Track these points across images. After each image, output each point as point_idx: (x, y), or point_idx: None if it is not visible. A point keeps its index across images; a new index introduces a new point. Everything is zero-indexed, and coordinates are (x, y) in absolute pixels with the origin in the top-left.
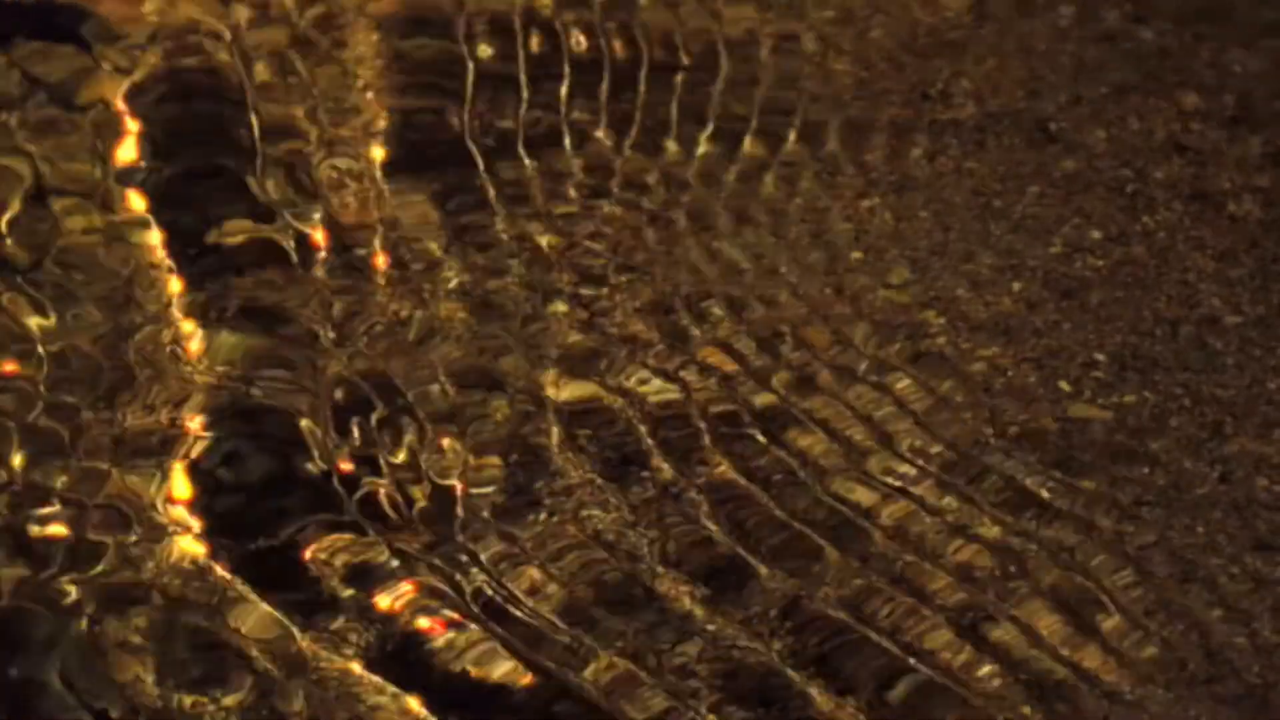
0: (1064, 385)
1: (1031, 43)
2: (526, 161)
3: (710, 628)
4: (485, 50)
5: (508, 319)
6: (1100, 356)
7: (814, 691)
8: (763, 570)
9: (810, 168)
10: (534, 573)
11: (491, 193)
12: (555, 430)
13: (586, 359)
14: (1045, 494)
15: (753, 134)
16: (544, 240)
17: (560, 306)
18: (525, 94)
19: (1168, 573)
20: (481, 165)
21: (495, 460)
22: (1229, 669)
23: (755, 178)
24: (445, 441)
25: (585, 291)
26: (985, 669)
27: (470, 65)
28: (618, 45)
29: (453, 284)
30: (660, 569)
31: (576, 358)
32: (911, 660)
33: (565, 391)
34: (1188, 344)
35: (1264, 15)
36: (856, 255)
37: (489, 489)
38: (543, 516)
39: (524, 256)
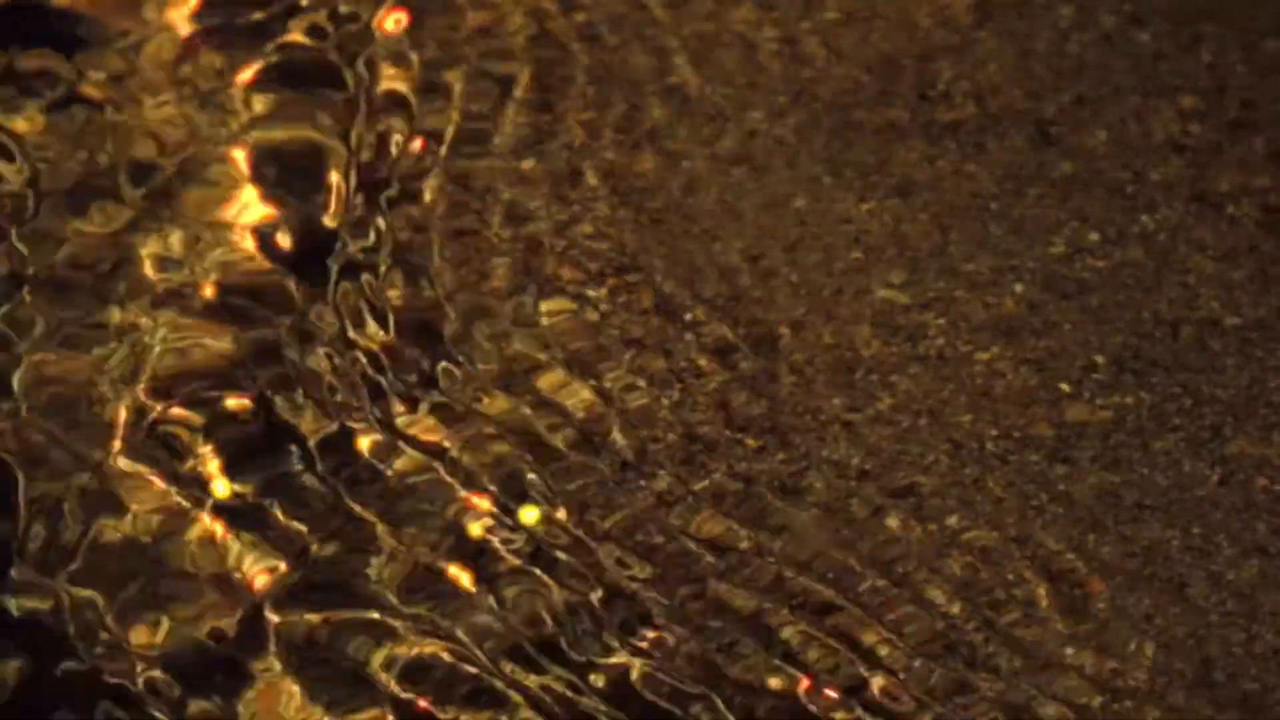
0: (1064, 386)
1: (1031, 44)
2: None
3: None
4: None
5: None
6: (1100, 358)
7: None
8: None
9: (810, 169)
10: None
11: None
12: None
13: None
14: (1045, 495)
15: (752, 135)
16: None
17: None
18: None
19: (1167, 575)
20: None
21: None
22: (1228, 673)
23: (755, 179)
24: None
25: (586, 292)
26: (981, 673)
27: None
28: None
29: None
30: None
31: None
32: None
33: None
34: (1188, 345)
35: (1264, 15)
36: (856, 256)
37: None
38: None
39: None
